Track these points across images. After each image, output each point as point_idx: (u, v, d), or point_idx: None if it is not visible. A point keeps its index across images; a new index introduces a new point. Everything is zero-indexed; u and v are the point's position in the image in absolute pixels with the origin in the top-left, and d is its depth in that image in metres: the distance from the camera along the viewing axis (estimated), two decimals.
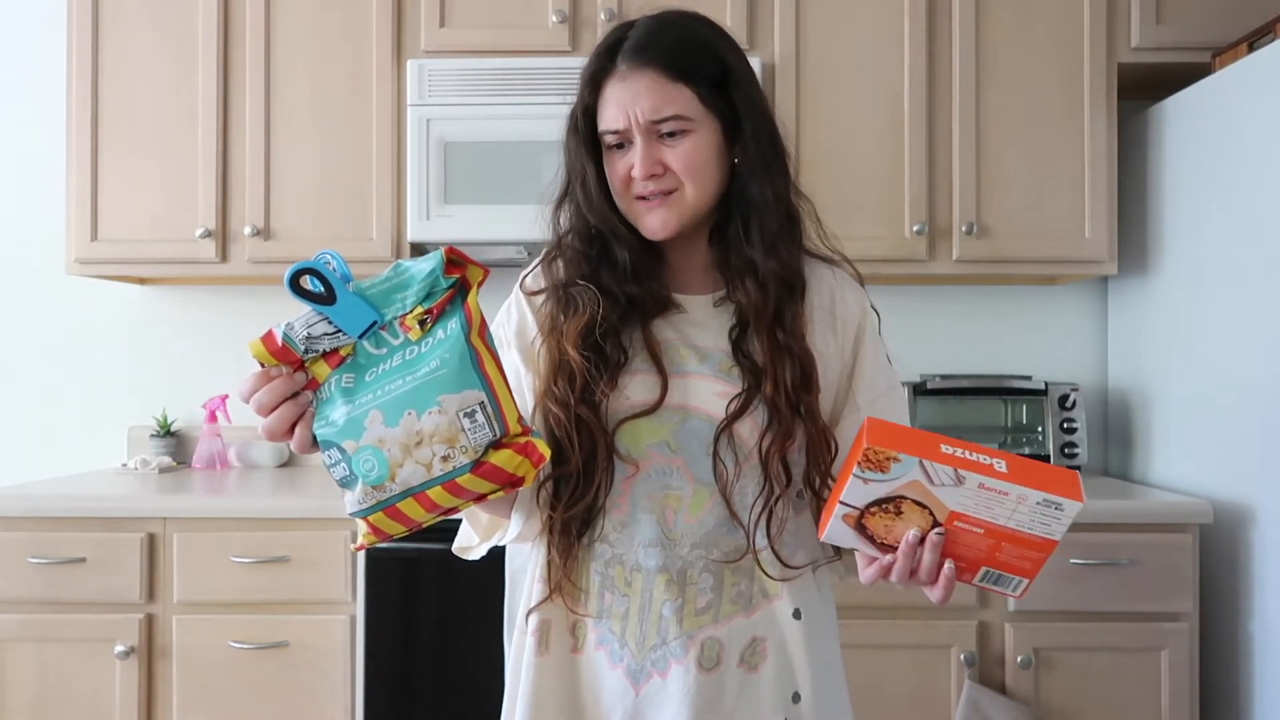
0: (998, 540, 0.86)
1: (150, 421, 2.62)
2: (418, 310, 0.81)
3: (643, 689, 1.00)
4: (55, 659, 2.00)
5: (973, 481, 0.84)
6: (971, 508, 0.85)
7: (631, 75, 1.00)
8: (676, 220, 1.03)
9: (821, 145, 2.21)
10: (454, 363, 0.80)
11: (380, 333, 0.82)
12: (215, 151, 2.31)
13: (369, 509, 0.81)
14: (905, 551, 0.88)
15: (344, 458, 0.80)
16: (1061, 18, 2.27)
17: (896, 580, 0.91)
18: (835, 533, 0.91)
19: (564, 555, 1.02)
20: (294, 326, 0.81)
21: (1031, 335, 2.61)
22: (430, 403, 0.79)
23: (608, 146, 1.03)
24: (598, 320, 1.01)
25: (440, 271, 0.82)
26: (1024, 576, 0.88)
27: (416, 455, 0.79)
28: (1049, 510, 0.83)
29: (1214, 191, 2.08)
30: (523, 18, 2.29)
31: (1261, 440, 1.92)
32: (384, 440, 0.79)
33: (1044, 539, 0.85)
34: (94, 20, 2.32)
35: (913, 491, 0.85)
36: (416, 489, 0.80)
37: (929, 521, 0.87)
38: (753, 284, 1.03)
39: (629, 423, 1.00)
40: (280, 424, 0.82)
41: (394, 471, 0.80)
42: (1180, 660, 1.95)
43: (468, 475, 0.81)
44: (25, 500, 2.01)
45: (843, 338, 1.08)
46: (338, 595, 1.99)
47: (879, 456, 0.84)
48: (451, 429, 0.79)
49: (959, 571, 0.89)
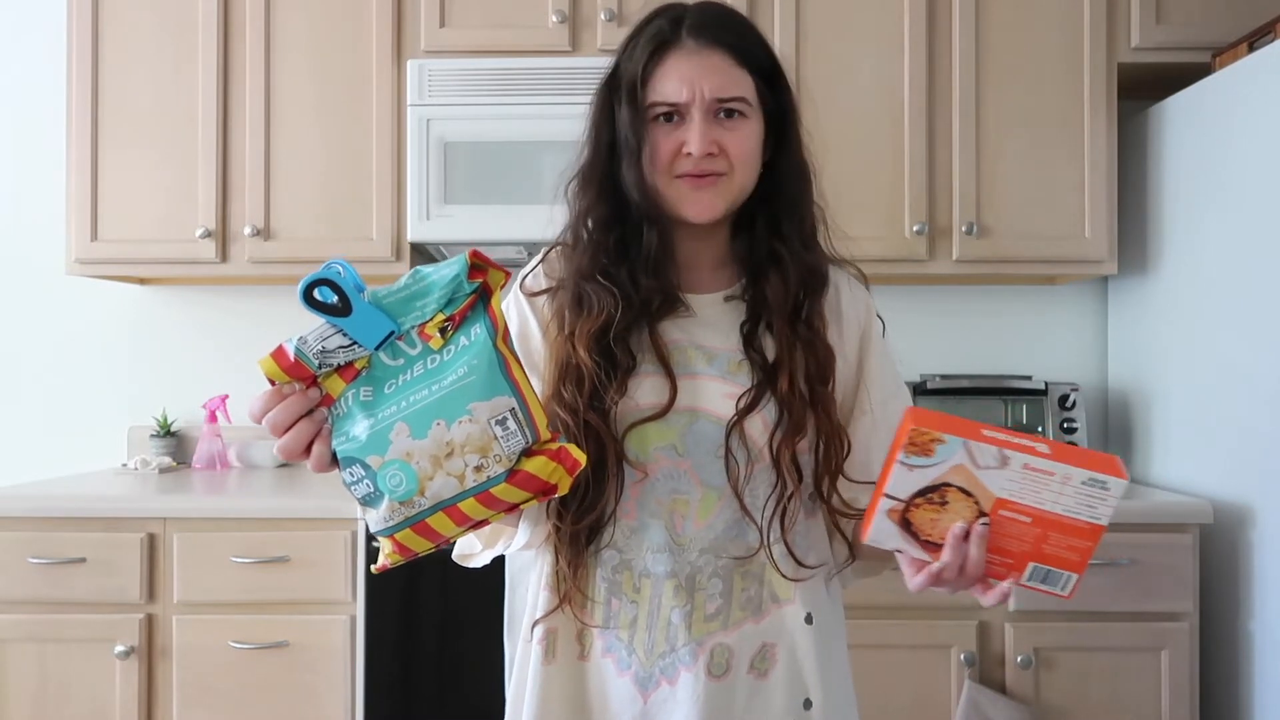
0: (1044, 529, 0.84)
1: (150, 421, 2.62)
2: (439, 318, 0.78)
3: (651, 696, 0.99)
4: (55, 659, 2.00)
5: (1017, 462, 0.83)
6: (1017, 492, 0.83)
7: (701, 51, 0.98)
8: (723, 205, 1.01)
9: (821, 145, 2.21)
10: (483, 369, 0.77)
11: (397, 343, 0.78)
12: (215, 151, 2.31)
13: (396, 526, 0.78)
14: (952, 545, 0.86)
15: (368, 474, 0.77)
16: (1061, 18, 2.27)
17: (947, 582, 0.88)
18: (880, 531, 0.88)
19: (573, 565, 1.00)
20: (307, 340, 0.76)
21: (1031, 335, 2.61)
22: (461, 411, 0.76)
23: (653, 119, 0.99)
24: (614, 323, 0.98)
25: (465, 276, 0.78)
26: (1072, 571, 0.86)
27: (448, 467, 0.76)
28: (1094, 490, 0.82)
29: (1214, 191, 2.08)
30: (523, 18, 2.29)
31: (1261, 440, 1.92)
32: (412, 453, 0.76)
33: (1090, 524, 0.83)
34: (94, 20, 2.32)
35: (958, 477, 0.84)
36: (447, 502, 0.77)
37: (974, 513, 0.85)
38: (776, 276, 1.02)
39: (637, 428, 0.99)
40: (297, 443, 0.78)
41: (424, 485, 0.76)
42: (1180, 660, 1.95)
43: (503, 485, 0.77)
44: (25, 500, 2.01)
45: (848, 339, 1.07)
46: (338, 595, 1.99)
47: (924, 439, 0.83)
48: (484, 438, 0.76)
49: (1007, 569, 0.87)
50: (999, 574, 0.88)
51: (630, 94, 0.99)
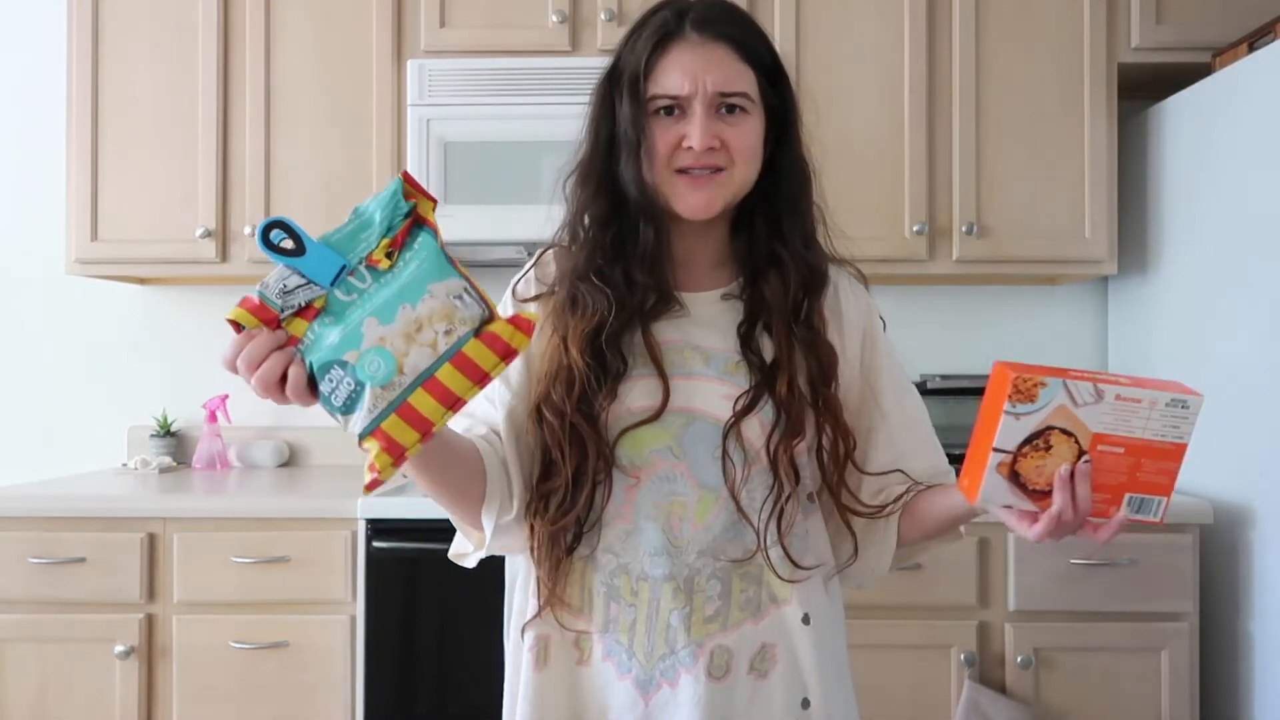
0: (1137, 458, 0.88)
1: (150, 421, 2.62)
2: (383, 244, 0.83)
3: (652, 699, 0.99)
4: (55, 659, 2.00)
5: (1110, 394, 0.86)
6: (1111, 425, 0.87)
7: (705, 45, 0.98)
8: (721, 201, 1.00)
9: (821, 145, 2.21)
10: (432, 259, 0.83)
11: (349, 279, 0.83)
12: (215, 151, 2.31)
13: (381, 415, 0.81)
14: (1061, 488, 0.87)
15: (346, 372, 0.81)
16: (1061, 18, 2.27)
17: (1064, 524, 0.89)
18: (991, 489, 0.90)
19: (552, 569, 1.00)
20: (268, 285, 0.83)
21: (1031, 335, 2.61)
22: (421, 292, 0.82)
23: (654, 112, 0.99)
24: (607, 324, 0.98)
25: (401, 193, 0.84)
26: (1161, 495, 0.90)
27: (420, 339, 0.81)
28: (1177, 411, 0.87)
29: (1214, 191, 2.08)
30: (523, 18, 2.29)
31: (1261, 440, 1.92)
32: (385, 337, 0.81)
33: (1175, 444, 0.88)
34: (94, 20, 2.32)
35: (1059, 419, 0.87)
36: (426, 374, 0.81)
37: (1075, 453, 0.88)
38: (776, 276, 1.02)
39: (630, 432, 0.98)
40: (272, 371, 0.80)
41: (401, 363, 0.81)
42: (1180, 660, 1.95)
43: (472, 342, 0.81)
44: (25, 500, 2.01)
45: (849, 339, 1.07)
46: (338, 595, 1.99)
47: (1028, 384, 0.86)
48: (447, 307, 0.82)
49: (1106, 505, 0.90)
50: (1100, 510, 0.91)
51: (632, 86, 0.99)
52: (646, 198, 0.99)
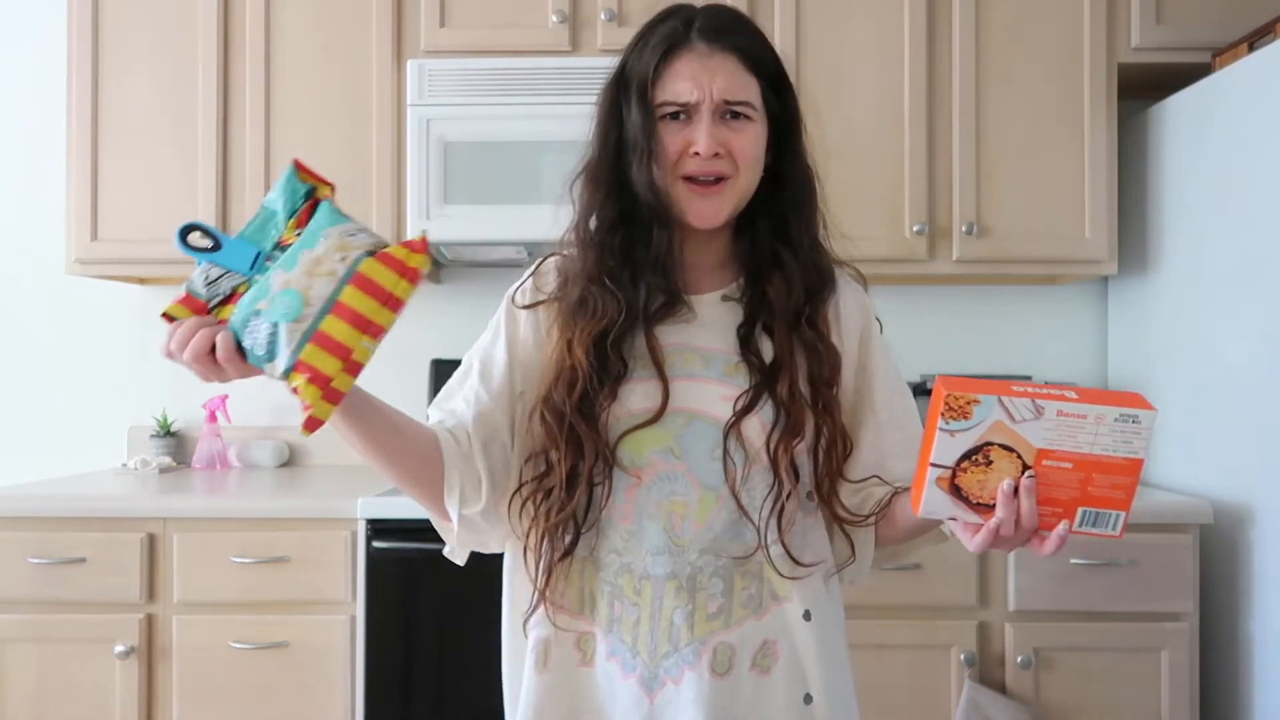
0: (1087, 472, 0.87)
1: (150, 421, 2.62)
2: (290, 225, 0.91)
3: (657, 697, 1.00)
4: (55, 659, 2.00)
5: (1051, 410, 0.86)
6: (1055, 440, 0.86)
7: (712, 54, 1.00)
8: (728, 210, 1.03)
9: (821, 145, 2.21)
10: (327, 215, 0.90)
11: (266, 264, 0.90)
12: (215, 152, 2.31)
13: (298, 346, 0.85)
14: (1004, 503, 0.87)
15: (261, 317, 0.86)
16: (1061, 18, 2.27)
17: (1005, 538, 0.89)
18: (932, 502, 0.90)
19: (546, 570, 1.01)
20: (193, 280, 0.90)
21: (1031, 335, 2.61)
22: (318, 238, 0.88)
23: (662, 118, 1.01)
24: (614, 327, 0.99)
25: (295, 178, 0.91)
26: (1119, 509, 0.89)
27: (320, 271, 0.87)
28: (1128, 426, 0.85)
29: (1214, 191, 2.08)
30: (523, 18, 2.29)
31: (1261, 440, 1.92)
32: (289, 281, 0.87)
33: (1129, 459, 0.86)
34: (94, 20, 2.32)
35: (998, 435, 0.87)
36: (331, 300, 0.86)
37: (1019, 468, 0.88)
38: (779, 278, 1.03)
39: (631, 434, 1.00)
40: (201, 344, 0.86)
41: (307, 296, 0.86)
42: (1180, 660, 1.95)
43: (367, 261, 0.87)
44: (25, 500, 2.01)
45: (848, 339, 1.08)
46: (338, 595, 1.99)
47: (960, 402, 0.86)
48: (341, 243, 0.88)
49: (1057, 518, 0.89)
50: (1051, 524, 0.90)
51: (640, 93, 1.01)
52: (660, 202, 1.01)
